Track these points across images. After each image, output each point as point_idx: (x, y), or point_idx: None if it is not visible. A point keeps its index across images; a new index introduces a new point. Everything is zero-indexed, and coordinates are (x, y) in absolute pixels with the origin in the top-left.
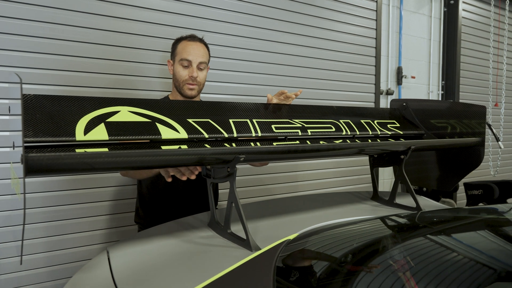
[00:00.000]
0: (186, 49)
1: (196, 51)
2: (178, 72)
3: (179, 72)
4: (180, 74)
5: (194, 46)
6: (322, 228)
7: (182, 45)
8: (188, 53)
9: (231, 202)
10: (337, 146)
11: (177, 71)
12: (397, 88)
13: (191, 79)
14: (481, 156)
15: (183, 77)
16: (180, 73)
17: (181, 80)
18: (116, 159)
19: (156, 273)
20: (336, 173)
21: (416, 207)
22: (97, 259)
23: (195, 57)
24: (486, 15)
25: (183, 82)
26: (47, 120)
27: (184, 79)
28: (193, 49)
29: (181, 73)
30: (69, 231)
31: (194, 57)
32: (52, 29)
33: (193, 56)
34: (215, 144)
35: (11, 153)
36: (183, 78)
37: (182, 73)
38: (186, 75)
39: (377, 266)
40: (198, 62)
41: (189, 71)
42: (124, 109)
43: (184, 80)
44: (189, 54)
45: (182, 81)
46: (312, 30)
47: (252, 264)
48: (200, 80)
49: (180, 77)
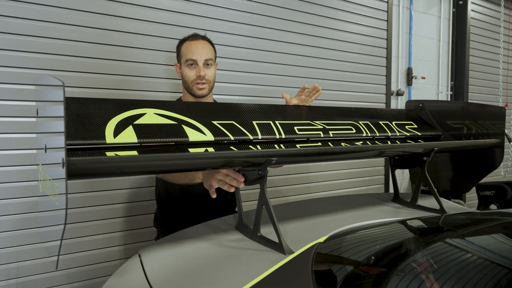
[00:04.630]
0: (190, 49)
1: (200, 49)
2: (186, 73)
3: (187, 74)
4: (188, 75)
5: (198, 44)
6: (351, 230)
7: (185, 46)
8: (192, 53)
9: (262, 205)
10: (364, 148)
11: (184, 72)
12: (407, 89)
13: (200, 78)
14: (501, 157)
15: (191, 78)
16: (187, 74)
17: (189, 81)
18: (157, 162)
19: (192, 277)
20: (348, 174)
21: (439, 209)
22: (129, 263)
23: (199, 55)
24: (494, 15)
25: (192, 82)
26: (77, 123)
27: (192, 80)
28: (196, 48)
29: (188, 74)
30: (85, 234)
31: (198, 56)
32: (56, 28)
33: (198, 55)
34: (240, 147)
35: (40, 156)
36: (191, 78)
37: (190, 74)
38: (193, 75)
39: (421, 270)
40: (203, 60)
41: (196, 70)
42: (150, 111)
43: (192, 80)
44: (193, 54)
45: (190, 82)
46: (322, 30)
47: (289, 268)
48: (209, 78)
49: (188, 78)
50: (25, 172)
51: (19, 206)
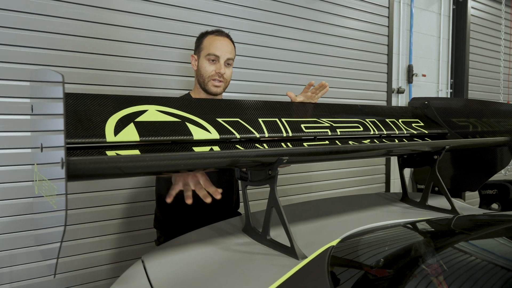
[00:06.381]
0: (214, 44)
1: (225, 47)
2: (204, 67)
3: (205, 68)
4: (206, 70)
5: (223, 41)
6: (364, 232)
7: (209, 40)
8: (216, 48)
9: (272, 207)
10: (376, 147)
11: (203, 66)
12: (407, 86)
13: (218, 76)
14: (510, 156)
15: (209, 73)
16: (206, 68)
17: (206, 76)
18: (164, 162)
19: (201, 285)
20: (348, 174)
21: (451, 209)
22: (132, 270)
23: (223, 52)
24: (495, 13)
25: (209, 78)
26: (74, 120)
27: (210, 75)
28: (221, 44)
29: (207, 69)
30: (81, 236)
31: (222, 53)
32: (65, 24)
33: (221, 52)
34: (247, 145)
35: (35, 155)
36: (209, 73)
37: (208, 69)
38: (212, 71)
39: (445, 274)
40: (226, 58)
41: (216, 66)
42: (152, 108)
43: (210, 76)
44: (217, 49)
45: (208, 76)
46: (324, 26)
47: (304, 273)
48: (227, 77)
49: (206, 72)
50: (18, 172)
51: (11, 208)
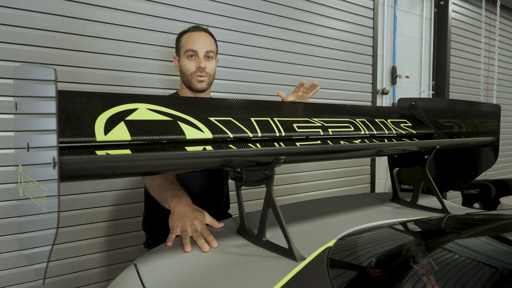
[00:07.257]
0: (191, 40)
1: (201, 40)
2: (185, 65)
3: (186, 65)
4: (187, 67)
5: (199, 35)
6: (360, 232)
7: (186, 37)
8: (193, 43)
9: (268, 207)
10: (371, 146)
11: (184, 64)
12: (391, 88)
13: (199, 70)
14: (496, 155)
15: (191, 70)
16: (186, 66)
17: (188, 73)
18: (160, 162)
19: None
20: (335, 174)
21: (442, 209)
22: (125, 275)
23: (200, 46)
24: (475, 16)
25: (191, 75)
26: (62, 118)
27: (191, 72)
28: (197, 39)
29: (187, 66)
30: (67, 240)
31: (199, 47)
32: (41, 18)
33: (198, 46)
34: (240, 145)
35: (20, 155)
36: (191, 70)
37: (189, 66)
38: (193, 67)
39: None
40: (204, 51)
41: (196, 62)
42: (142, 106)
43: (192, 72)
44: (194, 44)
45: (190, 74)
46: (310, 27)
47: (304, 276)
48: (209, 71)
49: (187, 70)
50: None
51: None
